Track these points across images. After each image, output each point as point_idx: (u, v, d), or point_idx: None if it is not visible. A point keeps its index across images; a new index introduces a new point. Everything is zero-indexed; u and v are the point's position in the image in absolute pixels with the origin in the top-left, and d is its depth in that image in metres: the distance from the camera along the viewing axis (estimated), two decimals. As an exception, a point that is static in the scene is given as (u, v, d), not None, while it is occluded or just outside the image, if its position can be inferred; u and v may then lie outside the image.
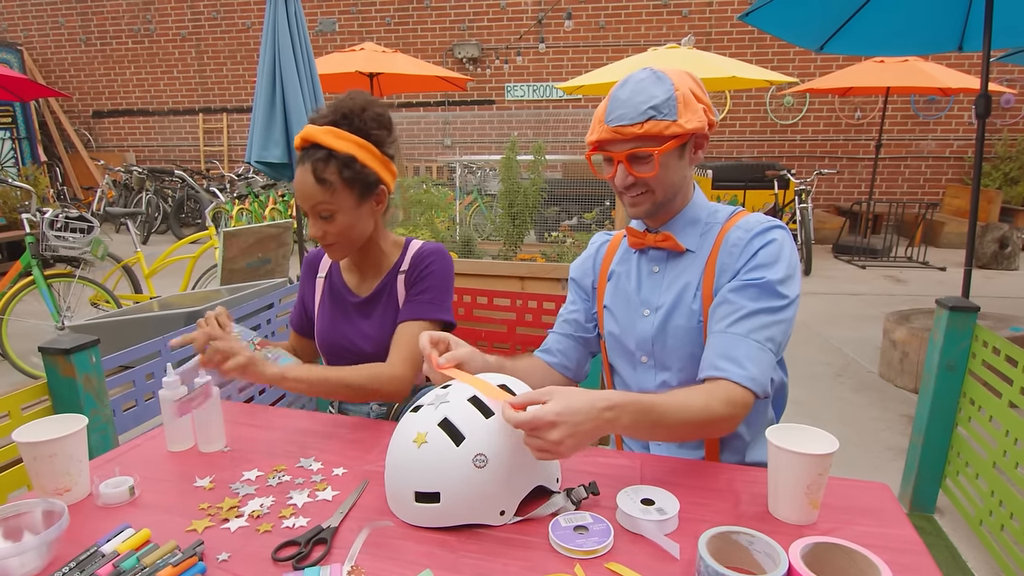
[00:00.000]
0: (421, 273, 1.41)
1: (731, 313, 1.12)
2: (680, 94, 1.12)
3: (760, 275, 1.12)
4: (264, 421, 1.30)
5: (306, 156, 1.28)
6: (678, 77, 1.15)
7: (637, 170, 1.15)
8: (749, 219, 1.19)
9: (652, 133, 1.11)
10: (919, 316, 3.83)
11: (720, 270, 1.17)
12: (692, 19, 8.92)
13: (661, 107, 1.11)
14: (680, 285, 1.22)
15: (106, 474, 1.01)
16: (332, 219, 1.30)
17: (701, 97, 1.16)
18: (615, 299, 1.31)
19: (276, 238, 3.82)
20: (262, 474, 1.05)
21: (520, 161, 3.04)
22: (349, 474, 1.05)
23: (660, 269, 1.26)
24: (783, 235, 1.16)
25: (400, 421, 0.99)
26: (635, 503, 0.90)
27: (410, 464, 0.91)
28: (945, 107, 8.65)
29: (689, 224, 1.23)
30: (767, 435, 0.91)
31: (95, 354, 1.65)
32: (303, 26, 3.64)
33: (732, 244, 1.17)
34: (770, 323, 1.11)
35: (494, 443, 0.90)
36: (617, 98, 1.14)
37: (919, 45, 4.44)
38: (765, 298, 1.11)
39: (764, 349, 1.10)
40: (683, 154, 1.18)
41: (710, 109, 1.17)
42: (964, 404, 1.87)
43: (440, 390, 0.97)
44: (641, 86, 1.12)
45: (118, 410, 1.79)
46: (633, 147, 1.13)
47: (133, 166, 9.17)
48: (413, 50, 9.46)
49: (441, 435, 0.90)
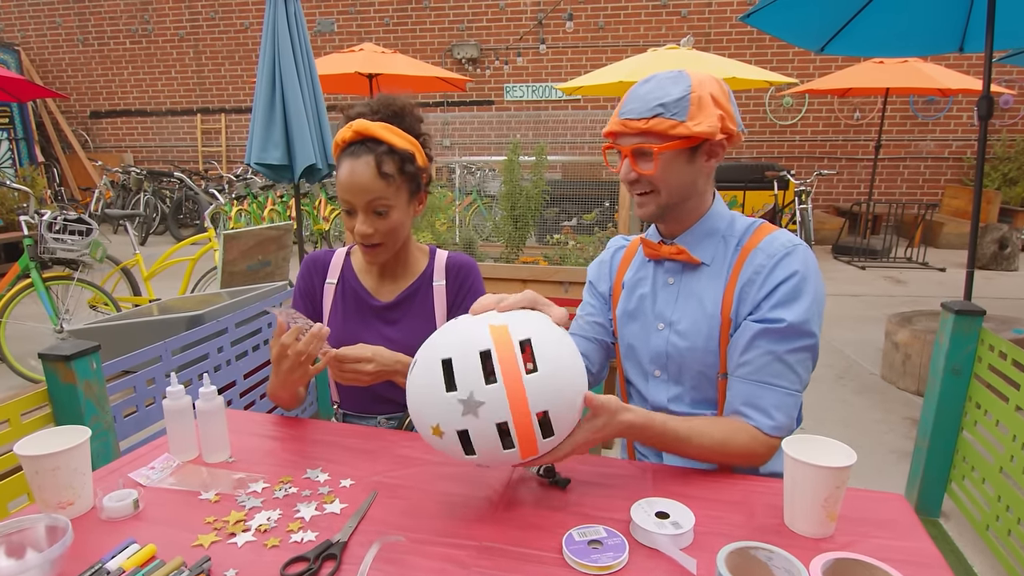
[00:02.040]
0: (468, 291, 1.42)
1: (755, 358, 1.10)
2: (696, 96, 1.09)
3: (781, 316, 1.08)
4: (266, 429, 1.28)
5: (363, 149, 1.25)
6: (701, 80, 1.12)
7: (640, 166, 1.14)
8: (772, 240, 1.15)
9: (657, 130, 1.10)
10: (921, 318, 3.83)
11: (740, 297, 1.14)
12: (691, 20, 8.91)
13: (671, 106, 1.09)
14: (695, 300, 1.18)
15: (109, 486, 0.99)
16: (386, 216, 1.28)
17: (722, 104, 1.12)
18: (629, 309, 1.28)
19: (276, 240, 3.79)
20: (268, 486, 1.03)
21: (521, 163, 3.03)
22: (357, 486, 1.04)
23: (675, 281, 1.23)
24: (805, 261, 1.11)
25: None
26: (650, 516, 0.89)
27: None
28: (944, 108, 8.66)
29: (706, 236, 1.20)
30: (784, 447, 0.90)
31: (96, 360, 1.64)
32: (303, 27, 3.62)
33: (754, 271, 1.13)
34: (796, 363, 1.10)
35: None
36: (634, 92, 1.14)
37: (920, 46, 4.45)
38: (789, 341, 1.09)
39: (791, 394, 1.10)
40: (693, 158, 1.14)
41: (730, 118, 1.13)
42: (970, 408, 1.86)
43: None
44: (659, 83, 1.11)
45: (119, 416, 1.77)
46: (637, 142, 1.12)
47: (131, 167, 9.14)
48: (412, 51, 9.44)
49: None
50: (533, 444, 0.89)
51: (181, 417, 1.11)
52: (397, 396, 1.39)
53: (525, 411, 0.86)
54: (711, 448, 1.08)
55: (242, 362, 2.37)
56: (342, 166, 1.27)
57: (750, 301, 1.12)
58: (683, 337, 1.19)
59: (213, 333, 2.19)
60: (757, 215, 7.51)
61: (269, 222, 7.12)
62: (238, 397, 2.36)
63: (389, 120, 1.30)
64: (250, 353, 2.42)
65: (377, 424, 1.44)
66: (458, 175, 7.13)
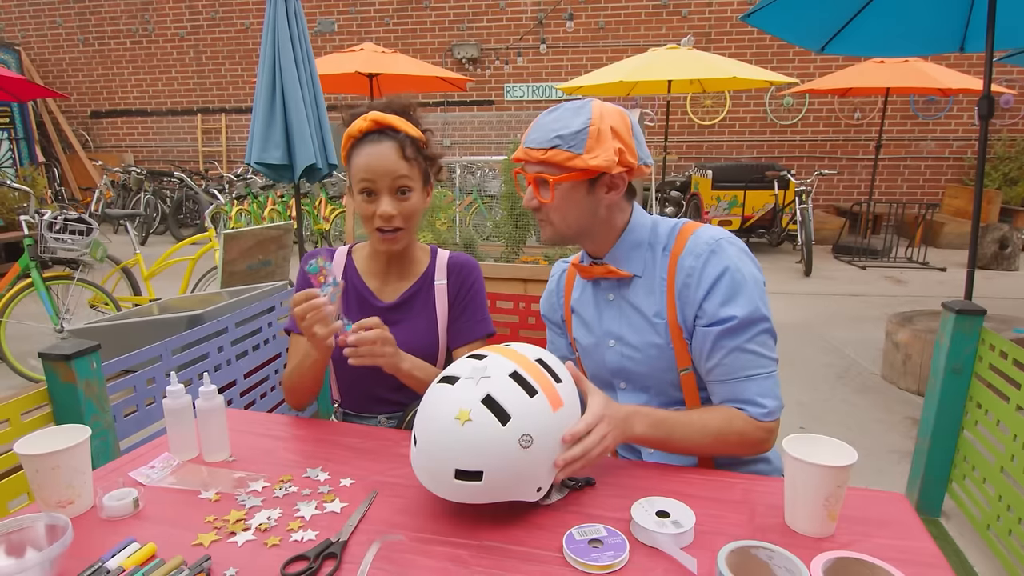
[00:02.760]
0: (469, 291, 1.44)
1: (723, 359, 1.13)
2: (594, 128, 1.11)
3: (731, 314, 1.11)
4: (266, 429, 1.28)
5: (382, 136, 1.28)
6: (602, 112, 1.13)
7: (540, 194, 1.16)
8: (696, 240, 1.16)
9: (554, 161, 1.12)
10: (922, 317, 3.83)
11: (682, 302, 1.16)
12: (692, 19, 8.91)
13: (568, 138, 1.11)
14: (637, 313, 1.21)
15: (109, 485, 0.99)
16: (407, 197, 1.30)
17: (622, 137, 1.13)
18: (582, 332, 1.31)
19: (276, 240, 3.79)
20: (268, 485, 1.03)
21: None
22: (357, 485, 1.04)
23: (615, 297, 1.25)
24: (731, 255, 1.13)
25: (432, 389, 0.96)
26: (650, 515, 0.89)
27: (452, 441, 0.89)
28: (944, 107, 8.65)
29: (631, 249, 1.21)
30: (784, 446, 0.89)
31: (96, 359, 1.63)
32: (303, 27, 3.62)
33: (686, 274, 1.15)
34: (760, 347, 1.13)
35: (539, 423, 0.90)
36: (539, 121, 1.16)
37: (920, 46, 4.44)
38: (747, 331, 1.11)
39: (768, 376, 1.13)
40: (592, 190, 1.15)
41: (630, 151, 1.14)
42: (971, 408, 1.86)
43: (476, 362, 0.95)
44: (561, 114, 1.13)
45: (119, 416, 1.77)
46: (537, 171, 1.15)
47: (131, 167, 9.14)
48: (412, 50, 9.44)
49: (486, 413, 0.88)
50: None
51: (181, 416, 1.11)
52: (397, 396, 1.39)
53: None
54: (712, 440, 1.11)
55: (242, 361, 2.37)
56: (361, 151, 1.28)
57: (691, 303, 1.14)
58: (634, 349, 1.21)
59: (213, 333, 2.19)
60: (757, 215, 7.54)
61: (269, 222, 7.12)
62: (238, 396, 2.36)
63: (401, 115, 1.33)
64: (250, 353, 2.42)
65: (377, 423, 1.43)
66: (458, 175, 7.13)
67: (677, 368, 1.19)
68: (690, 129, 9.30)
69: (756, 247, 7.79)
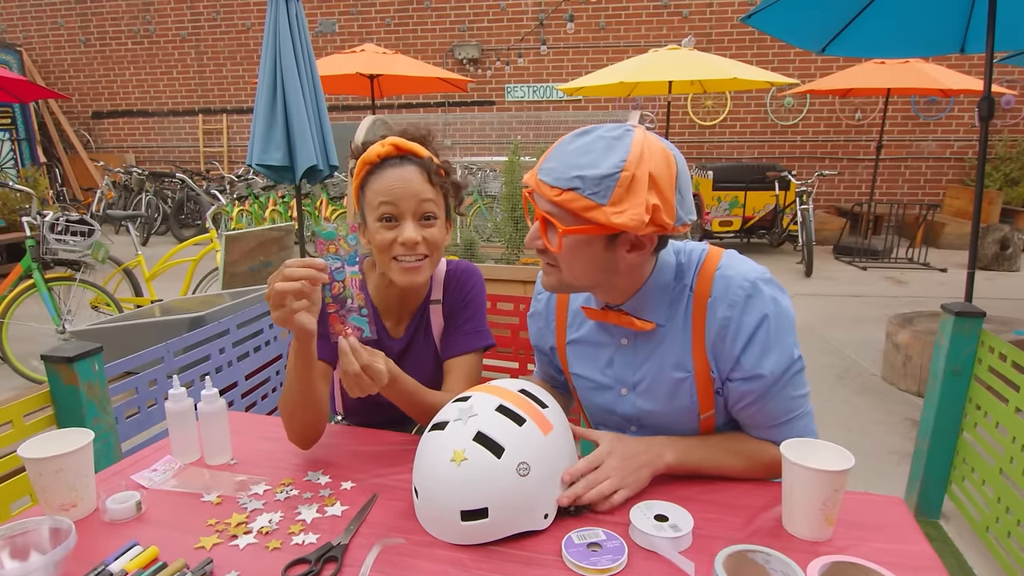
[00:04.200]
0: (464, 300, 1.33)
1: (760, 409, 1.04)
2: (627, 175, 0.89)
3: (769, 368, 1.00)
4: (267, 431, 1.28)
5: (406, 161, 1.18)
6: (643, 153, 0.91)
7: (547, 236, 0.98)
8: (726, 284, 1.01)
9: (568, 207, 0.92)
10: (922, 319, 3.83)
11: (716, 355, 1.03)
12: (692, 20, 8.91)
13: (592, 182, 0.90)
14: (657, 362, 1.07)
15: (112, 488, 1.00)
16: (432, 223, 1.19)
17: (661, 187, 0.91)
18: (584, 370, 1.17)
19: (278, 241, 3.81)
20: (269, 488, 1.04)
21: (522, 164, 3.04)
22: (357, 488, 1.04)
23: (630, 342, 1.10)
24: (768, 297, 1.00)
25: (423, 441, 0.96)
26: (648, 519, 0.89)
27: (452, 484, 0.88)
28: (945, 108, 8.65)
29: (654, 295, 1.05)
30: (782, 450, 0.90)
31: (98, 362, 1.64)
32: (304, 27, 3.63)
33: (720, 325, 1.01)
34: (797, 388, 1.04)
35: (533, 449, 0.91)
36: (561, 147, 0.96)
37: (921, 47, 4.44)
38: (784, 380, 1.02)
39: (805, 414, 1.07)
40: (610, 246, 0.96)
41: (667, 208, 0.92)
42: (970, 410, 1.86)
43: (462, 403, 0.95)
44: (591, 144, 0.93)
45: (120, 417, 1.78)
46: (547, 210, 0.96)
47: (133, 167, 9.15)
48: (413, 51, 9.45)
49: (479, 449, 0.89)
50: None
51: (183, 419, 1.12)
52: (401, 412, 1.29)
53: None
54: (744, 464, 1.07)
55: (244, 363, 2.38)
56: (383, 175, 1.17)
57: (727, 357, 1.02)
58: (652, 400, 1.09)
59: (215, 334, 2.20)
60: (758, 215, 7.53)
61: (271, 222, 7.14)
62: (239, 398, 2.37)
63: (421, 143, 1.25)
64: (252, 354, 2.43)
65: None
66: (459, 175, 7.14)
67: (699, 415, 1.09)
68: (691, 130, 9.30)
69: (757, 248, 7.80)
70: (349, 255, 1.01)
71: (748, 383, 1.02)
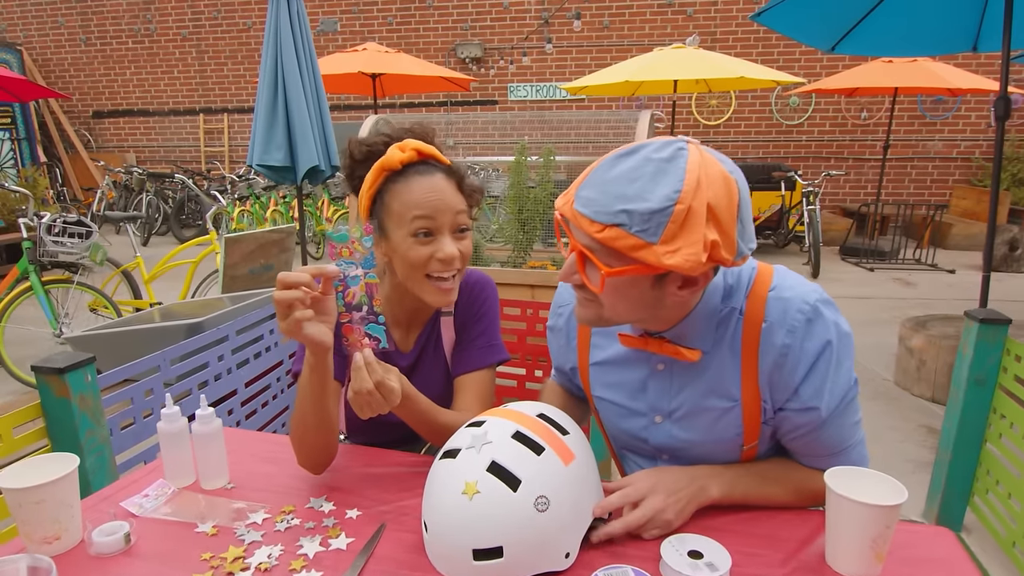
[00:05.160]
0: (478, 312, 1.25)
1: (815, 439, 0.97)
2: (682, 208, 0.77)
3: (829, 399, 0.92)
4: (266, 451, 1.21)
5: (431, 168, 1.10)
6: (700, 179, 0.78)
7: (586, 273, 0.86)
8: (784, 307, 0.91)
9: (611, 245, 0.80)
10: (935, 322, 3.75)
11: (772, 385, 0.93)
12: (697, 18, 8.84)
13: (640, 218, 0.77)
14: (699, 390, 0.97)
15: (99, 517, 0.92)
16: (466, 235, 1.12)
17: (721, 220, 0.79)
18: (611, 394, 1.07)
19: (279, 243, 3.73)
20: (269, 516, 0.97)
21: (527, 164, 2.97)
22: (364, 516, 0.97)
23: (667, 367, 1.00)
24: (829, 320, 0.91)
25: (433, 470, 0.88)
26: (682, 556, 0.82)
27: (464, 519, 0.81)
28: (952, 107, 8.57)
29: (701, 321, 0.94)
30: (827, 480, 0.83)
31: (91, 372, 1.58)
32: (306, 26, 3.57)
33: (779, 354, 0.91)
34: (852, 415, 0.98)
35: (553, 482, 0.82)
36: (601, 174, 0.82)
37: (932, 46, 4.38)
38: (840, 406, 0.94)
39: (859, 442, 1.01)
40: (659, 284, 0.86)
41: (727, 244, 0.80)
42: (994, 420, 1.81)
43: (475, 429, 0.87)
44: (639, 171, 0.80)
45: (115, 429, 1.71)
46: (586, 245, 0.84)
47: (133, 167, 9.09)
48: (415, 50, 9.38)
49: (494, 481, 0.81)
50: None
51: (177, 441, 1.04)
52: (408, 433, 1.21)
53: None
54: (792, 495, 1.00)
55: (243, 370, 2.31)
56: (411, 184, 1.08)
57: (784, 388, 0.92)
58: (690, 430, 1.00)
59: (213, 341, 2.13)
60: (764, 216, 7.46)
61: (272, 223, 7.07)
62: (239, 406, 2.31)
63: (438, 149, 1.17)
64: (252, 361, 2.36)
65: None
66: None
67: (742, 446, 0.99)
68: (695, 129, 9.22)
69: (762, 249, 7.72)
70: (364, 258, 0.93)
71: (804, 414, 0.93)
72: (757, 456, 1.03)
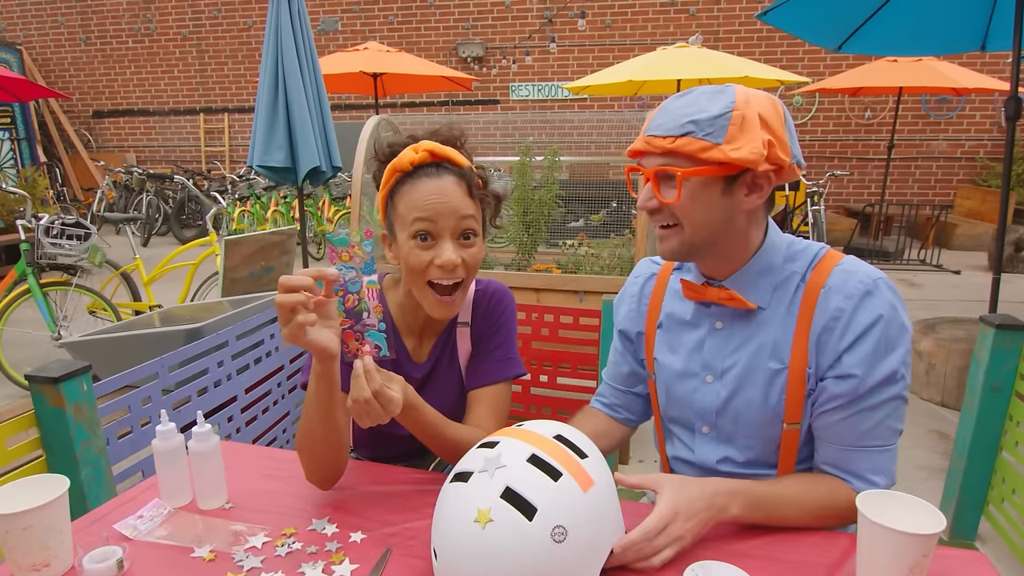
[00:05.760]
0: (495, 324, 1.22)
1: (842, 420, 0.96)
2: (738, 114, 0.91)
3: (871, 372, 0.93)
4: (266, 467, 1.16)
5: (442, 170, 1.06)
6: (749, 97, 0.93)
7: (662, 193, 0.96)
8: (846, 276, 0.96)
9: (684, 151, 0.92)
10: (944, 325, 3.71)
11: (819, 348, 0.96)
12: (699, 17, 8.79)
13: (705, 124, 0.91)
14: (752, 349, 1.01)
15: (91, 541, 0.88)
16: (472, 242, 1.07)
17: (773, 127, 0.93)
18: (670, 355, 1.11)
19: (279, 245, 3.69)
20: (269, 540, 0.92)
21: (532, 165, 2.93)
22: (369, 540, 0.92)
23: (725, 326, 1.05)
24: (888, 300, 0.94)
25: (444, 494, 0.83)
26: (706, 586, 0.78)
27: (476, 550, 0.76)
28: (957, 107, 8.52)
29: (759, 275, 1.01)
30: (859, 505, 0.78)
31: (86, 381, 1.54)
32: (307, 26, 3.52)
33: (831, 316, 0.95)
34: (890, 415, 0.96)
35: (571, 510, 0.77)
36: (665, 106, 0.98)
37: (940, 45, 4.34)
38: (879, 393, 0.94)
39: (887, 449, 0.97)
40: (729, 190, 0.95)
41: (782, 146, 0.93)
42: (1010, 427, 1.78)
43: (488, 451, 0.82)
44: (696, 98, 0.94)
45: (112, 438, 1.67)
46: (661, 163, 0.95)
47: (133, 167, 9.05)
48: (416, 49, 9.34)
49: (508, 509, 0.76)
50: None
51: (173, 459, 1.00)
52: (416, 447, 1.17)
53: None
54: (812, 517, 0.97)
55: (243, 376, 2.27)
56: (417, 186, 1.05)
57: (830, 351, 0.95)
58: (738, 392, 1.03)
59: (213, 347, 2.09)
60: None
61: (273, 223, 7.02)
62: (239, 412, 2.26)
63: (456, 148, 1.12)
64: (252, 367, 2.32)
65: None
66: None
67: (783, 422, 1.01)
68: (698, 129, 9.17)
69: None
70: (365, 263, 0.91)
71: (843, 382, 0.95)
72: (798, 448, 1.03)
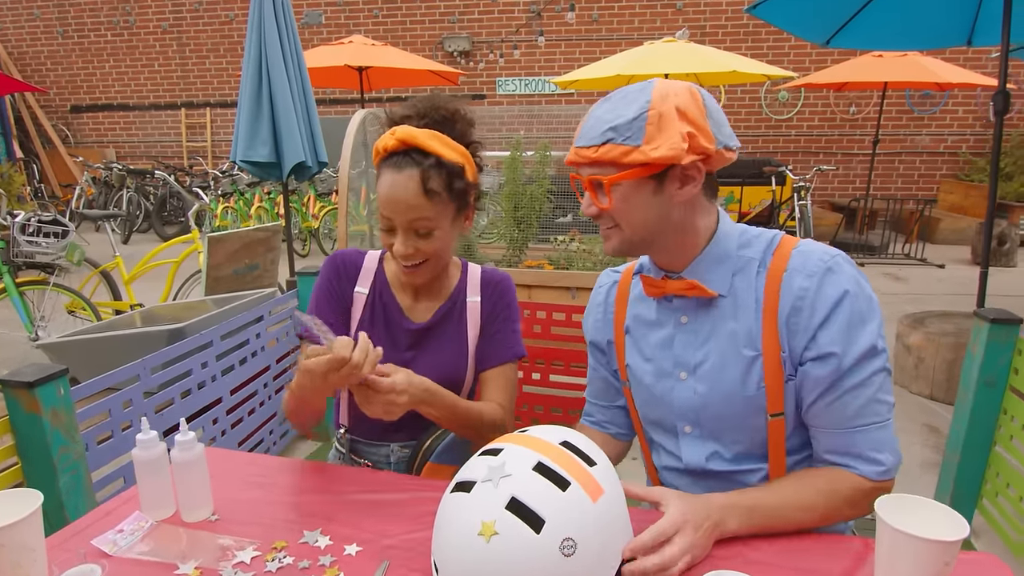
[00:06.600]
0: (505, 307, 1.30)
1: (833, 403, 0.95)
2: (654, 113, 0.91)
3: (848, 348, 0.93)
4: (254, 474, 1.11)
5: (407, 161, 1.10)
6: (665, 93, 0.93)
7: (598, 199, 0.99)
8: (805, 256, 0.97)
9: (608, 159, 0.94)
10: (933, 319, 3.72)
11: (791, 330, 0.96)
12: (686, 12, 8.78)
13: (622, 129, 0.92)
14: (722, 339, 1.00)
15: (67, 559, 0.83)
16: (429, 236, 1.13)
17: (692, 118, 0.92)
18: (640, 359, 1.10)
19: (264, 242, 3.62)
20: (259, 555, 0.88)
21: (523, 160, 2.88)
22: (364, 552, 0.88)
23: (690, 319, 1.04)
24: (850, 275, 0.95)
25: (444, 504, 0.80)
26: (721, 598, 0.75)
27: (479, 565, 0.72)
28: (940, 102, 8.59)
29: (716, 262, 1.01)
30: (878, 511, 0.75)
31: (63, 385, 1.47)
32: (291, 18, 3.45)
33: (796, 296, 0.95)
34: (880, 389, 0.95)
35: (581, 521, 0.74)
36: (590, 114, 0.99)
37: (927, 39, 4.35)
38: (863, 369, 0.93)
39: (884, 424, 0.95)
40: (660, 187, 0.96)
41: (703, 134, 0.93)
42: (1004, 422, 1.78)
43: (491, 459, 0.78)
44: (616, 103, 0.96)
45: (91, 443, 1.61)
46: (590, 173, 0.98)
47: (113, 163, 8.87)
48: (402, 43, 9.24)
49: (514, 521, 0.72)
50: None
51: (154, 469, 0.95)
52: (414, 422, 1.20)
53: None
54: (818, 516, 0.95)
55: (228, 377, 2.21)
56: (382, 178, 1.12)
57: (803, 331, 0.95)
58: (715, 384, 1.01)
59: (196, 348, 2.03)
60: (754, 211, 7.43)
61: (257, 220, 6.92)
62: (224, 414, 2.21)
63: (438, 127, 1.14)
64: (237, 367, 2.26)
65: (389, 452, 1.28)
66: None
67: (767, 414, 0.99)
68: (685, 124, 9.17)
69: (753, 244, 7.69)
70: (327, 329, 0.98)
71: (824, 364, 0.94)
72: (786, 439, 1.01)
